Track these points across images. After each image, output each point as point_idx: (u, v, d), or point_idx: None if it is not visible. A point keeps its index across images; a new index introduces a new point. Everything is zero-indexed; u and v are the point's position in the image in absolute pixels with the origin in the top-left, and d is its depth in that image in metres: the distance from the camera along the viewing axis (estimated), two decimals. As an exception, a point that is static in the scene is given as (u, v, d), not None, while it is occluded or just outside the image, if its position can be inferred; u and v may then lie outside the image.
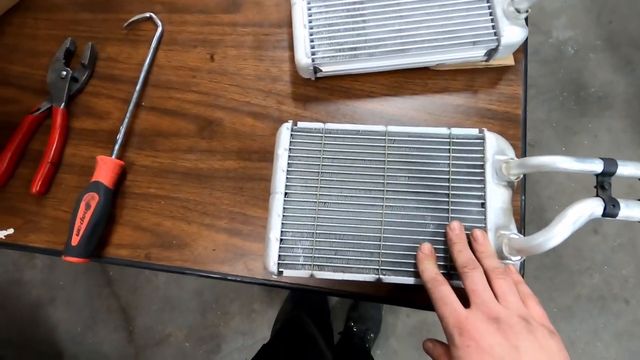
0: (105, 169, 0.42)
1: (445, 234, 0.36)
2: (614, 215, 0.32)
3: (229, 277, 0.42)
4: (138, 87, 0.45)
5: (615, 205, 0.32)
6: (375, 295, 0.40)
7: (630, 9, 1.32)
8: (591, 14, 1.34)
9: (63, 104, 0.45)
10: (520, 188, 0.42)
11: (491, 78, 0.45)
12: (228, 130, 0.45)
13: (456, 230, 0.35)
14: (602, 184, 0.33)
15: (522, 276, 0.40)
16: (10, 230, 0.44)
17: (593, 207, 0.32)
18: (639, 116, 1.25)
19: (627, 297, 1.14)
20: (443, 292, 0.31)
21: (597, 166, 0.33)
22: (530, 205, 1.21)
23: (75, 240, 0.39)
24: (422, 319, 1.15)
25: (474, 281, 0.31)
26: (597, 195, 0.33)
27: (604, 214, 0.32)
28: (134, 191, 0.44)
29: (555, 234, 0.32)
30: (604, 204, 0.32)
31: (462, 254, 0.33)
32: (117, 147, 0.43)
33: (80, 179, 0.45)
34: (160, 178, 0.44)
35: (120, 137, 0.44)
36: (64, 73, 0.46)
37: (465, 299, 0.30)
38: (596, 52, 1.30)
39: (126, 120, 0.44)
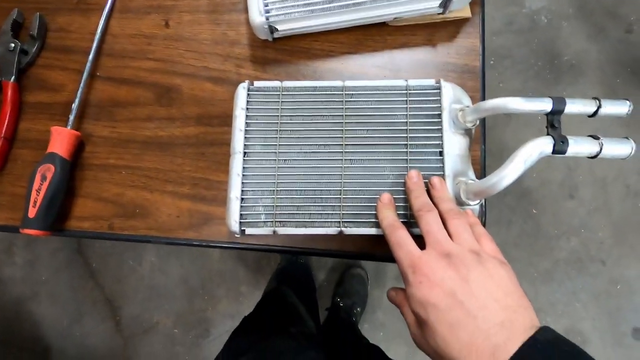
0: (60, 140, 0.40)
1: (404, 184, 0.36)
2: (563, 152, 0.33)
3: (194, 243, 0.41)
4: (91, 57, 0.44)
5: (565, 142, 0.33)
6: (340, 251, 0.41)
7: (600, -24, 1.33)
8: (563, -18, 1.34)
9: (13, 77, 0.44)
10: (480, 137, 0.42)
11: (450, 32, 0.45)
12: (187, 97, 0.44)
13: (414, 178, 0.35)
14: (552, 122, 0.34)
15: (484, 225, 0.41)
16: (-33, 209, 0.43)
17: (543, 145, 0.33)
18: (612, 82, 1.27)
19: (603, 258, 1.18)
20: (399, 235, 0.31)
21: (547, 105, 0.34)
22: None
23: (32, 213, 0.38)
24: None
25: (429, 222, 0.31)
26: (548, 134, 0.34)
27: (554, 151, 0.33)
28: (94, 162, 0.43)
29: (507, 173, 0.33)
30: (553, 142, 0.33)
31: (418, 200, 0.33)
32: (72, 117, 0.42)
33: (37, 154, 0.44)
34: (120, 148, 0.43)
35: (74, 107, 0.42)
36: (12, 45, 0.44)
37: (423, 246, 0.30)
38: (569, 21, 1.31)
39: (80, 90, 0.43)
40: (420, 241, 0.31)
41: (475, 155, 0.42)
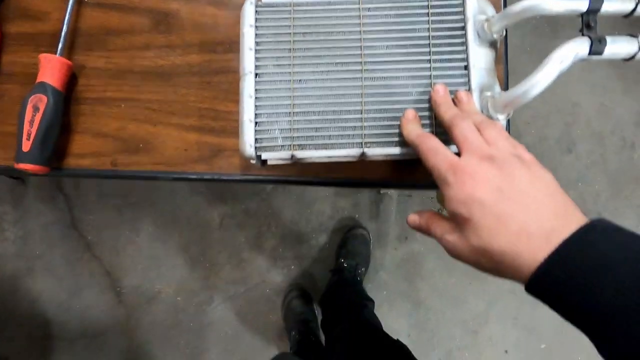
0: (51, 69, 0.37)
1: (429, 100, 0.34)
2: (600, 52, 0.31)
3: (206, 176, 0.39)
4: (77, -21, 0.40)
5: (602, 41, 0.31)
6: (361, 179, 0.39)
7: None
8: None
9: (-9, 3, 0.40)
10: (503, 57, 0.40)
11: (467, -54, 0.41)
12: (187, 22, 0.41)
13: (440, 92, 0.33)
14: (588, 22, 0.32)
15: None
16: (-48, 151, 0.39)
17: (578, 45, 0.31)
18: (610, 30, 1.26)
19: (600, 211, 1.20)
20: (432, 143, 0.29)
21: (583, 3, 0.31)
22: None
23: (26, 146, 0.35)
24: (409, 250, 1.17)
25: (464, 128, 0.29)
26: (583, 35, 0.32)
27: (591, 52, 0.31)
28: (89, 96, 0.40)
29: (540, 78, 0.31)
30: (590, 42, 0.31)
31: (449, 112, 0.31)
32: (60, 45, 0.38)
33: (24, 88, 0.40)
34: (117, 80, 0.40)
35: (63, 34, 0.39)
36: (-13, -32, 0.40)
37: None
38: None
39: (67, 16, 0.39)
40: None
41: (498, 75, 0.39)
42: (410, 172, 0.39)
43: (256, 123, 0.35)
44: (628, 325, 0.19)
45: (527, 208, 0.24)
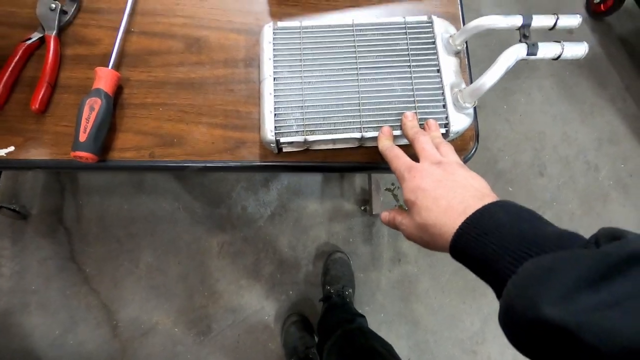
0: (105, 78, 0.45)
1: (401, 121, 0.42)
2: (535, 54, 0.41)
3: (230, 165, 0.46)
4: (126, 13, 0.50)
5: (535, 45, 0.42)
6: (359, 163, 0.47)
7: (541, -15, 1.55)
8: (510, -8, 1.55)
9: (55, 31, 0.49)
10: (466, 65, 0.51)
11: (432, -11, 0.54)
12: (214, 45, 0.51)
13: (409, 117, 0.42)
14: (524, 33, 0.43)
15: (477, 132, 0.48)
16: (11, 148, 0.46)
17: (518, 49, 0.41)
18: (562, 74, 1.45)
19: (576, 228, 1.27)
20: (396, 152, 0.38)
21: (518, 20, 0.42)
22: (484, 157, 1.34)
23: (83, 137, 0.42)
24: (403, 271, 1.21)
25: (422, 142, 0.38)
26: (521, 42, 0.42)
27: (528, 53, 0.41)
28: (132, 102, 0.48)
29: (492, 73, 0.41)
30: (527, 46, 0.41)
31: (412, 130, 0.40)
32: (112, 60, 0.47)
33: (77, 97, 0.48)
34: (156, 89, 0.49)
35: (114, 52, 0.48)
36: (53, 5, 0.49)
37: None
38: (519, 24, 1.50)
39: (118, 39, 0.48)
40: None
41: (464, 77, 0.50)
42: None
43: (275, 115, 0.43)
44: (507, 268, 0.25)
45: (454, 192, 0.31)
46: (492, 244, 0.26)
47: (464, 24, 0.53)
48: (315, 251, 1.21)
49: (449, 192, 0.31)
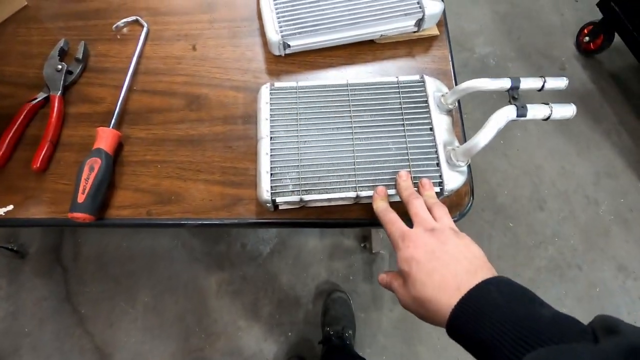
0: (105, 137, 0.46)
1: (395, 180, 0.43)
2: (524, 115, 0.43)
3: (226, 222, 0.46)
4: (129, 73, 0.52)
5: (524, 107, 0.43)
6: (355, 219, 0.47)
7: (531, 25, 1.61)
8: (503, 32, 1.61)
9: (59, 91, 0.50)
10: (459, 121, 0.52)
11: (425, 46, 0.56)
12: (213, 102, 0.52)
13: (403, 176, 0.42)
14: (513, 95, 0.44)
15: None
16: (10, 207, 0.46)
17: (508, 111, 0.42)
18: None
19: (579, 264, 1.27)
20: (391, 216, 0.38)
21: (507, 82, 0.44)
22: (483, 192, 1.35)
23: (81, 198, 0.43)
24: (404, 311, 1.18)
25: (417, 206, 0.38)
26: (511, 104, 0.43)
27: (518, 115, 0.42)
28: (132, 159, 0.49)
29: (485, 134, 0.42)
30: (516, 108, 0.42)
31: (406, 192, 0.41)
32: (113, 119, 0.48)
33: (78, 155, 0.49)
34: (155, 146, 0.50)
35: (116, 112, 0.49)
36: (60, 67, 0.52)
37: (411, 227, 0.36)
38: (512, 62, 1.54)
39: (120, 99, 0.50)
40: (408, 224, 0.37)
41: (457, 134, 0.51)
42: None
43: (271, 174, 0.44)
44: (499, 351, 0.25)
45: (448, 266, 0.31)
46: (488, 329, 0.26)
47: (455, 81, 0.55)
48: (315, 289, 1.19)
49: (442, 266, 0.31)
